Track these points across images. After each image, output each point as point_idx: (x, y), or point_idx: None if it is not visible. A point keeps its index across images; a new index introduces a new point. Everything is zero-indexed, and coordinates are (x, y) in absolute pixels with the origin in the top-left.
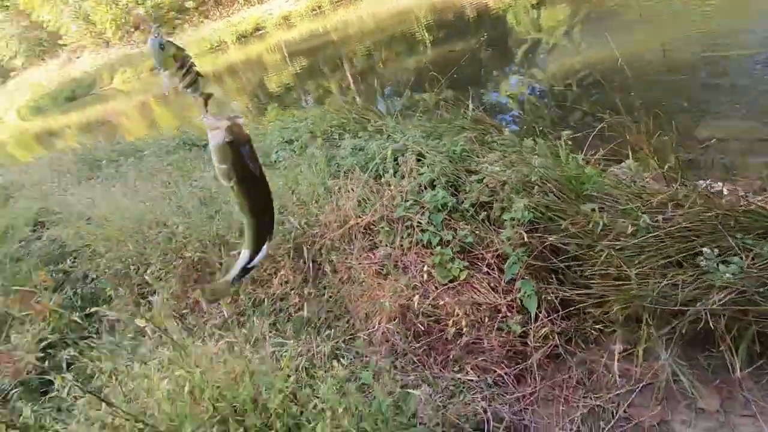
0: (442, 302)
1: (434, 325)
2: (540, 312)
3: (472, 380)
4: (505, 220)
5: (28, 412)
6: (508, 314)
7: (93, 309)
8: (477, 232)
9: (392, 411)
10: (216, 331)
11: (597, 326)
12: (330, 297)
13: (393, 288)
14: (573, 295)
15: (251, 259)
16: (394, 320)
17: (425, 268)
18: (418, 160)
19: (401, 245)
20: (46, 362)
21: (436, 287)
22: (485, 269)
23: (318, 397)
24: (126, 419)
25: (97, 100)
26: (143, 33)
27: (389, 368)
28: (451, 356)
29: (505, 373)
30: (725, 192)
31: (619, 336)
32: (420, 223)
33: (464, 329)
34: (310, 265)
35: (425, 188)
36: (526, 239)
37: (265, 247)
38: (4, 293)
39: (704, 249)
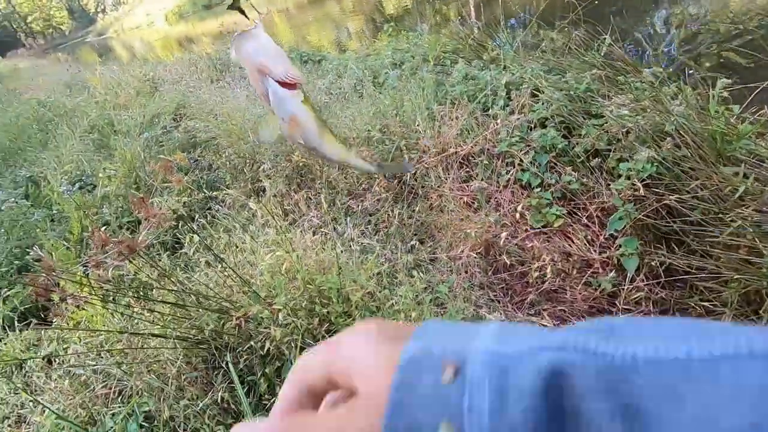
0: (530, 245)
1: (517, 266)
2: (638, 275)
3: (546, 326)
4: (621, 170)
5: (165, 260)
6: (601, 270)
7: (215, 193)
8: (584, 180)
9: None
10: (312, 227)
11: (703, 303)
12: (418, 220)
13: (482, 221)
14: (683, 264)
15: None
16: (477, 251)
17: (519, 208)
18: (533, 95)
19: (497, 181)
20: (178, 227)
21: (527, 230)
22: (585, 220)
23: (394, 299)
24: (235, 281)
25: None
26: None
27: (465, 288)
28: (528, 299)
29: None
30: None
31: (729, 319)
32: (522, 161)
33: (548, 276)
34: (403, 186)
35: (535, 126)
36: (642, 193)
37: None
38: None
39: None
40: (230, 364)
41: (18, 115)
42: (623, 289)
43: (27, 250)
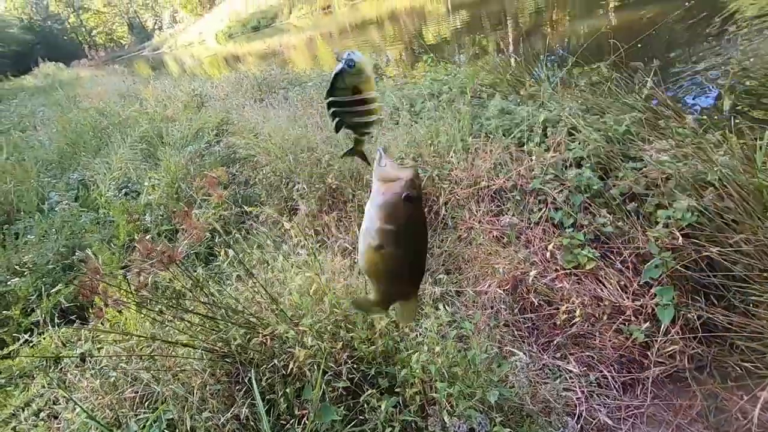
0: (559, 285)
1: (545, 306)
2: (673, 327)
3: (572, 371)
4: (659, 218)
5: (200, 271)
6: (633, 318)
7: (250, 208)
8: (619, 223)
9: (485, 366)
10: (341, 251)
11: (744, 363)
12: (446, 251)
13: (510, 257)
14: (723, 320)
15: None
16: (505, 288)
17: (549, 247)
18: (570, 134)
19: (529, 218)
20: (213, 239)
21: (557, 269)
22: (618, 265)
23: (419, 332)
24: (264, 298)
25: (276, 32)
26: None
27: (491, 327)
28: (555, 342)
29: (612, 377)
30: None
31: None
32: (555, 200)
33: (577, 319)
34: (434, 216)
35: (570, 165)
36: (680, 242)
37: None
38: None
39: None
40: (253, 381)
41: (77, 122)
42: (656, 340)
43: (74, 250)
